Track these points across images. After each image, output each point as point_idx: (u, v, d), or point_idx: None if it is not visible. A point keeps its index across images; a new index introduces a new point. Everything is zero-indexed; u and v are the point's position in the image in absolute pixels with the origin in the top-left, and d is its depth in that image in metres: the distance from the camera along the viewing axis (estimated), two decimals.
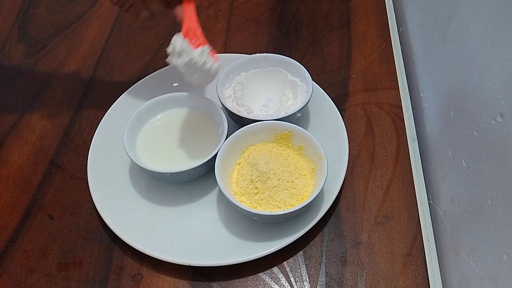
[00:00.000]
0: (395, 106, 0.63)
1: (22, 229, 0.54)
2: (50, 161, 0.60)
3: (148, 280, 0.49)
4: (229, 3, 0.80)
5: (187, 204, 0.54)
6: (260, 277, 0.49)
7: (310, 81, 0.57)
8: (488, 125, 0.42)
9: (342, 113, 0.61)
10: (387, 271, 0.48)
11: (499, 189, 0.39)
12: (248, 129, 0.53)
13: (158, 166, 0.53)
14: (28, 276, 0.50)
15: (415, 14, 0.71)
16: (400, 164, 0.57)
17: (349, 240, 0.51)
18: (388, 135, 0.60)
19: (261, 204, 0.50)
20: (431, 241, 0.51)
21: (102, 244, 0.52)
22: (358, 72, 0.67)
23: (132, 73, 0.69)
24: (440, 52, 0.57)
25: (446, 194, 0.52)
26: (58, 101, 0.67)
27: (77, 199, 0.56)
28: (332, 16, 0.76)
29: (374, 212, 0.53)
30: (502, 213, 0.38)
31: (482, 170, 0.42)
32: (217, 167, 0.50)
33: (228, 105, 0.56)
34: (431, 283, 0.48)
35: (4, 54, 0.74)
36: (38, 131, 0.64)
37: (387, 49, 0.70)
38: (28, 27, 0.78)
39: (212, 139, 0.55)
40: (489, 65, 0.42)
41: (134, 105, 0.59)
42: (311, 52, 0.70)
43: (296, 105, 0.57)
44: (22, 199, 0.57)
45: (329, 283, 0.48)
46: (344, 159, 0.54)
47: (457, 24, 0.52)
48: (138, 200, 0.54)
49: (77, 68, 0.71)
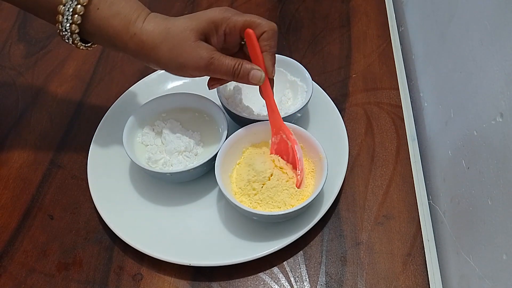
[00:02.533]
0: (395, 106, 0.63)
1: (22, 229, 0.54)
2: (50, 161, 0.60)
3: (148, 280, 0.49)
4: (229, 3, 0.80)
5: (187, 204, 0.54)
6: (260, 277, 0.49)
7: (310, 81, 0.57)
8: (488, 125, 0.42)
9: (342, 113, 0.61)
10: (387, 271, 0.48)
11: (499, 189, 0.39)
12: (248, 129, 0.53)
13: (158, 166, 0.53)
14: (28, 276, 0.50)
15: (415, 14, 0.71)
16: (400, 164, 0.57)
17: (349, 240, 0.51)
18: (388, 135, 0.60)
19: (261, 204, 0.49)
20: (431, 241, 0.51)
21: (102, 244, 0.52)
22: (358, 72, 0.67)
23: (132, 73, 0.69)
24: (440, 52, 0.57)
25: (446, 194, 0.52)
26: (58, 101, 0.67)
27: (77, 199, 0.56)
28: (332, 16, 0.76)
29: (374, 212, 0.53)
30: (502, 213, 0.38)
31: (482, 170, 0.42)
32: (217, 167, 0.50)
33: (228, 105, 0.56)
34: (431, 283, 0.48)
35: (4, 54, 0.74)
36: (38, 131, 0.64)
37: (387, 49, 0.70)
38: (28, 27, 0.78)
39: (212, 139, 0.55)
40: (489, 65, 0.42)
41: (134, 105, 0.59)
42: (311, 52, 0.70)
43: (296, 105, 0.57)
44: (22, 199, 0.57)
45: (329, 283, 0.48)
46: (344, 159, 0.54)
47: (457, 24, 0.52)
48: (138, 200, 0.54)
49: (77, 68, 0.71)
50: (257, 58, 0.48)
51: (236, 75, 0.48)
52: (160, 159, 0.53)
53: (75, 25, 0.46)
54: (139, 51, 0.47)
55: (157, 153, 0.54)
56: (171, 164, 0.53)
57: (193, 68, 0.47)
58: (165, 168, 0.52)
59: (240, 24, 0.48)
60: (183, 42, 0.46)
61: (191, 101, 0.58)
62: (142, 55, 0.47)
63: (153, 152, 0.54)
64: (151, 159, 0.53)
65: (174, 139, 0.54)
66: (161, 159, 0.53)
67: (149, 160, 0.53)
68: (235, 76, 0.48)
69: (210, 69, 0.47)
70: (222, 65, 0.47)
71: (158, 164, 0.53)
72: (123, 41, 0.47)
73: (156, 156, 0.53)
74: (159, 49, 0.46)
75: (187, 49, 0.46)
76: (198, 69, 0.47)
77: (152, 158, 0.53)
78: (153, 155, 0.53)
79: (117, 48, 0.48)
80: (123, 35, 0.46)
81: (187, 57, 0.46)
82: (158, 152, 0.54)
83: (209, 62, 0.47)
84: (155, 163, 0.53)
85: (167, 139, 0.54)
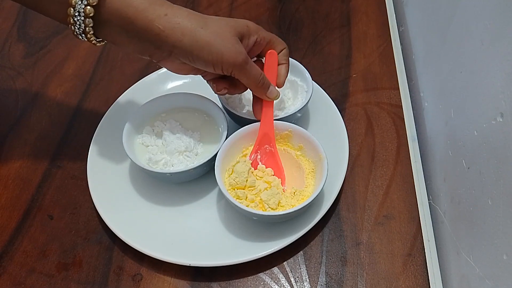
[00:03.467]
0: (395, 106, 0.63)
1: (22, 229, 0.54)
2: (50, 161, 0.60)
3: (148, 280, 0.49)
4: (229, 3, 0.80)
5: (187, 204, 0.54)
6: (260, 277, 0.49)
7: (310, 81, 0.57)
8: (488, 125, 0.41)
9: (342, 113, 0.61)
10: (387, 271, 0.48)
11: (500, 189, 0.39)
12: (248, 129, 0.53)
13: (157, 166, 0.53)
14: (28, 276, 0.50)
15: (415, 14, 0.71)
16: (400, 164, 0.57)
17: (349, 240, 0.51)
18: (388, 135, 0.60)
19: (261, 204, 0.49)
20: (432, 241, 0.51)
21: (102, 244, 0.52)
22: (358, 72, 0.67)
23: (132, 73, 0.69)
24: (440, 52, 0.57)
25: (446, 194, 0.51)
26: (58, 101, 0.67)
27: (77, 199, 0.56)
28: (332, 16, 0.76)
29: (374, 212, 0.53)
30: (502, 213, 0.38)
31: (482, 170, 0.42)
32: (217, 167, 0.50)
33: (228, 105, 0.56)
34: (431, 283, 0.48)
35: (4, 54, 0.74)
36: (38, 131, 0.64)
37: (387, 49, 0.70)
38: (28, 27, 0.78)
39: (212, 139, 0.55)
40: (489, 64, 0.42)
41: (134, 105, 0.59)
42: (311, 52, 0.70)
43: (296, 105, 0.57)
44: (22, 199, 0.56)
45: (329, 283, 0.48)
46: (344, 159, 0.54)
47: (457, 24, 0.52)
48: (138, 200, 0.54)
49: (77, 68, 0.71)
50: (273, 77, 0.52)
51: (260, 84, 0.49)
52: (160, 160, 0.53)
53: (90, 7, 0.42)
54: (170, 33, 0.44)
55: (157, 154, 0.53)
56: (171, 164, 0.53)
57: (229, 60, 0.46)
58: (166, 168, 0.52)
59: (268, 39, 0.51)
60: (224, 33, 0.46)
61: (191, 101, 0.58)
62: (173, 36, 0.44)
63: (154, 153, 0.54)
64: (151, 160, 0.53)
65: (174, 140, 0.54)
66: (162, 160, 0.53)
67: (149, 161, 0.53)
68: (258, 85, 0.49)
69: (244, 67, 0.47)
70: (253, 69, 0.48)
71: (159, 165, 0.53)
72: (145, 20, 0.43)
73: (156, 157, 0.53)
74: (198, 32, 0.44)
75: (229, 40, 0.46)
76: (234, 63, 0.46)
77: (153, 159, 0.53)
78: (154, 155, 0.53)
79: (133, 32, 0.44)
80: (147, 14, 0.43)
81: (229, 47, 0.45)
82: (159, 153, 0.54)
83: (247, 60, 0.47)
84: (155, 164, 0.53)
85: (168, 140, 0.54)
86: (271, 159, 0.53)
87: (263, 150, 0.53)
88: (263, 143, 0.52)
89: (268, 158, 0.53)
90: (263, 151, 0.53)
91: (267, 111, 0.52)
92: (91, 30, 0.44)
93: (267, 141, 0.52)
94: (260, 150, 0.53)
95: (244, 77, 0.48)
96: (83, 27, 0.44)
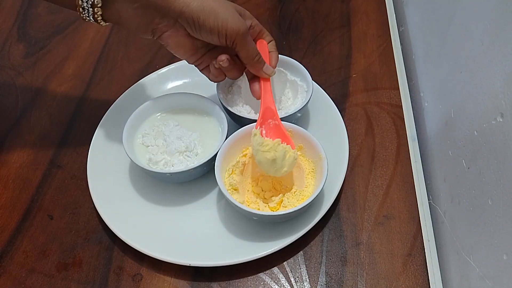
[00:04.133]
0: (395, 106, 0.63)
1: (22, 229, 0.54)
2: (50, 161, 0.60)
3: (148, 280, 0.49)
4: None
5: (187, 204, 0.54)
6: (260, 277, 0.49)
7: (310, 81, 0.57)
8: (488, 125, 0.41)
9: (342, 113, 0.61)
10: (387, 271, 0.48)
11: (499, 189, 0.39)
12: (248, 129, 0.53)
13: (157, 166, 0.53)
14: (27, 276, 0.50)
15: (415, 14, 0.71)
16: (400, 164, 0.57)
17: (349, 240, 0.51)
18: (388, 135, 0.60)
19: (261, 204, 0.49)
20: (432, 241, 0.51)
21: (102, 244, 0.52)
22: (358, 72, 0.67)
23: (132, 73, 0.69)
24: (440, 52, 0.57)
25: (446, 194, 0.51)
26: (58, 101, 0.67)
27: (77, 199, 0.56)
28: (332, 16, 0.76)
29: (374, 212, 0.53)
30: (502, 213, 0.38)
31: (482, 170, 0.42)
32: (217, 167, 0.50)
33: (228, 105, 0.56)
34: (431, 283, 0.48)
35: (4, 54, 0.74)
36: (38, 131, 0.64)
37: (387, 49, 0.70)
38: (28, 27, 0.78)
39: (212, 139, 0.55)
40: (489, 64, 0.42)
41: (134, 105, 0.58)
42: (311, 52, 0.70)
43: (296, 105, 0.57)
44: (21, 199, 0.56)
45: (329, 283, 0.48)
46: (344, 159, 0.54)
47: (457, 24, 0.52)
48: (138, 200, 0.54)
49: (77, 68, 0.71)
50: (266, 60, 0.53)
51: (257, 58, 0.51)
52: (161, 160, 0.53)
53: None
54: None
55: (158, 154, 0.53)
56: (172, 164, 0.53)
57: (233, 27, 0.47)
58: (166, 168, 0.52)
59: (259, 29, 0.54)
60: (228, 4, 0.49)
61: (191, 101, 0.58)
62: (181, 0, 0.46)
63: (154, 153, 0.54)
64: (152, 160, 0.53)
65: (174, 140, 0.54)
66: (162, 160, 0.53)
67: (150, 161, 0.53)
68: (255, 59, 0.51)
69: (246, 38, 0.49)
70: (252, 43, 0.51)
71: (159, 165, 0.53)
72: None
73: (157, 157, 0.53)
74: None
75: (233, 12, 0.49)
76: (238, 31, 0.48)
77: (153, 159, 0.53)
78: (154, 156, 0.53)
79: (140, 1, 0.45)
80: None
81: (232, 16, 0.48)
82: (159, 153, 0.54)
83: (248, 32, 0.49)
84: (156, 164, 0.53)
85: (168, 140, 0.54)
86: (277, 132, 0.52)
87: (267, 125, 0.52)
88: (266, 117, 0.52)
89: (273, 132, 0.52)
90: (267, 125, 0.52)
91: (265, 87, 0.53)
92: (99, 3, 0.45)
93: (270, 115, 0.52)
94: (265, 125, 0.52)
95: (244, 48, 0.50)
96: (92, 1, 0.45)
